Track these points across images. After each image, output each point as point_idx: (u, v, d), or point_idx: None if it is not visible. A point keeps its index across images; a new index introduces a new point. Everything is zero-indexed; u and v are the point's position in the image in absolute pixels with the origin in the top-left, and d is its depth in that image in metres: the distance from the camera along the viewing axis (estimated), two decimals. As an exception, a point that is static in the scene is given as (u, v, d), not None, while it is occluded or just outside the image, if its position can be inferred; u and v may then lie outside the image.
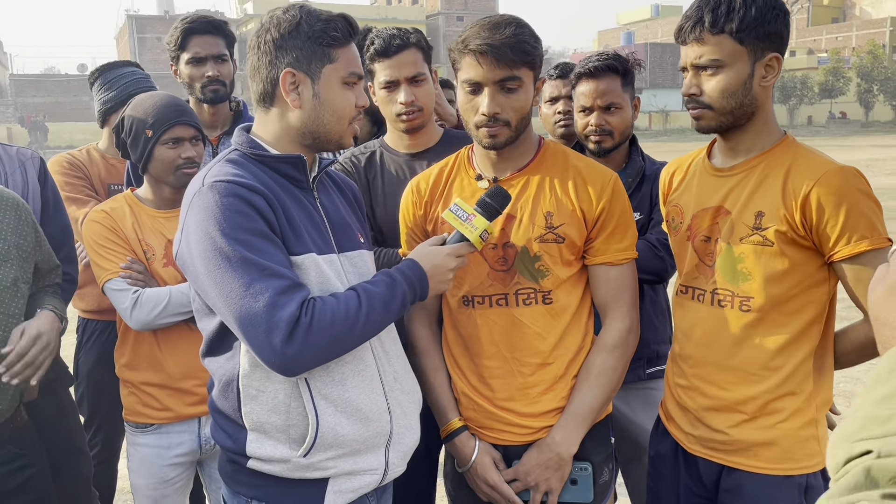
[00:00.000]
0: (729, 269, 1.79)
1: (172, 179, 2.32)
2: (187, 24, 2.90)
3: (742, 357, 1.78)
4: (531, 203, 1.88)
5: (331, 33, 1.63)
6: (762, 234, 1.73)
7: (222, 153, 1.71)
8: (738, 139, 1.80)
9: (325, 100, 1.65)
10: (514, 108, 1.80)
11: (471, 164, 1.99)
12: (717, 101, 1.73)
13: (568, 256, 1.88)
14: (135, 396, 2.37)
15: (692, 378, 1.87)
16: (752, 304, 1.76)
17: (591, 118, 2.46)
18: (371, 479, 1.70)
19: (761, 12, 1.67)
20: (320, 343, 1.51)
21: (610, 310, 1.92)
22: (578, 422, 1.88)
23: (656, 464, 2.02)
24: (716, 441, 1.83)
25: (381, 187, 2.40)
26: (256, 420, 1.62)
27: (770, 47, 1.70)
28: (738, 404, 1.80)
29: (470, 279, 1.93)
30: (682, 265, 1.93)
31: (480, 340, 1.93)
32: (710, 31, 1.69)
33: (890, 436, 0.61)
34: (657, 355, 2.61)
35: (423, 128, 2.39)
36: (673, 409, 1.96)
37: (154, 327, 2.24)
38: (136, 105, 2.35)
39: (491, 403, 1.94)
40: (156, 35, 56.92)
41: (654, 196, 2.47)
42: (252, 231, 1.52)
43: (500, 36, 1.74)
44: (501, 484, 1.92)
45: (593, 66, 2.44)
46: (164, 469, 2.36)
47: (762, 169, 1.76)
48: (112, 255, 2.27)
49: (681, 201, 1.94)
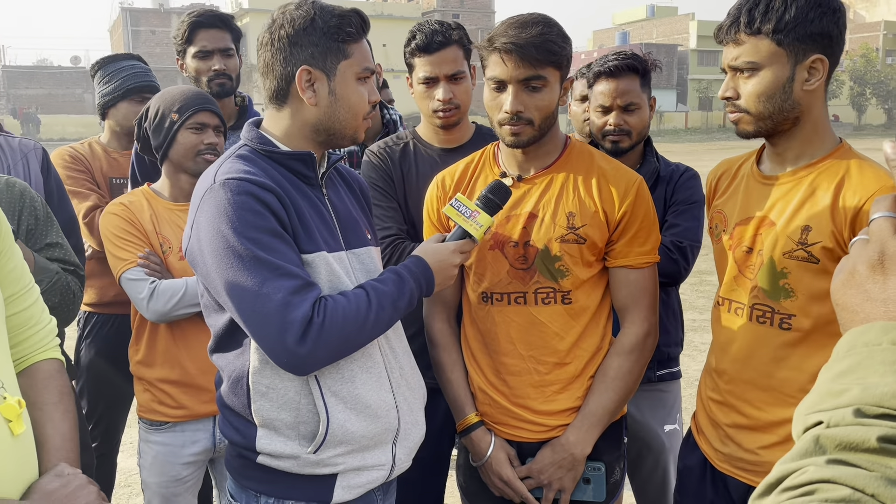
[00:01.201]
0: (770, 284, 1.69)
1: (192, 165, 2.32)
2: (194, 18, 2.90)
3: (780, 377, 1.69)
4: (554, 203, 1.88)
5: (346, 29, 1.62)
6: (808, 249, 1.63)
7: (231, 148, 1.70)
8: (784, 145, 1.70)
9: (341, 96, 1.64)
10: (537, 108, 1.80)
11: (496, 161, 1.99)
12: (754, 105, 1.65)
13: (589, 257, 1.87)
14: (149, 394, 2.35)
15: (726, 394, 1.81)
16: (792, 323, 1.66)
17: (610, 118, 2.44)
18: (379, 475, 1.71)
19: (802, 12, 1.56)
20: (332, 342, 1.52)
21: (629, 313, 1.92)
22: (593, 423, 1.89)
23: (683, 477, 1.98)
24: (745, 461, 1.76)
25: (415, 180, 2.40)
26: (266, 417, 1.62)
27: (813, 48, 1.59)
28: (771, 426, 1.71)
29: (490, 276, 1.93)
30: (722, 275, 1.84)
31: (498, 337, 1.94)
32: (746, 31, 1.61)
33: (840, 408, 0.65)
34: (668, 357, 2.61)
35: (459, 124, 2.41)
36: (704, 423, 1.90)
37: (170, 318, 2.24)
38: (162, 94, 2.39)
39: (507, 400, 1.95)
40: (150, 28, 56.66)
41: (668, 198, 2.48)
42: (264, 229, 1.51)
43: (526, 35, 1.73)
44: (515, 480, 1.93)
45: (613, 65, 2.43)
46: (177, 468, 2.35)
47: (812, 180, 1.65)
48: (130, 245, 2.28)
49: (725, 208, 1.85)
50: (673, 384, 2.67)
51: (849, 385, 0.67)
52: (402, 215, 2.39)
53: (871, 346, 0.69)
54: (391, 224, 2.35)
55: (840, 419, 0.65)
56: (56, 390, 1.55)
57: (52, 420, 1.49)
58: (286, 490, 1.66)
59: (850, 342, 0.72)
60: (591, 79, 2.51)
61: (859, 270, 0.75)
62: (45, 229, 2.14)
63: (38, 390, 1.54)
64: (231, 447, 1.73)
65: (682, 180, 2.51)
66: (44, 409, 1.52)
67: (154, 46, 55.39)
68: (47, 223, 2.16)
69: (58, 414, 1.53)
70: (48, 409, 1.52)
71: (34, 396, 1.52)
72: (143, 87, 3.14)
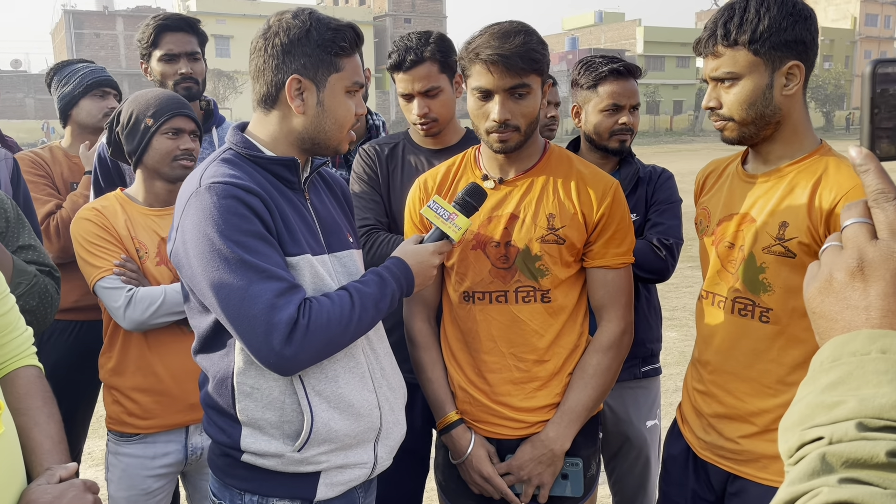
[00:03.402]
0: (751, 278, 1.75)
1: (168, 171, 2.28)
2: (160, 21, 2.88)
3: (759, 369, 1.75)
4: (534, 204, 1.92)
5: (340, 43, 1.64)
6: (785, 244, 1.68)
7: (216, 151, 1.71)
8: (767, 148, 1.77)
9: (329, 108, 1.66)
10: (523, 114, 1.84)
11: (477, 164, 2.03)
12: (737, 113, 1.70)
13: (567, 258, 1.92)
14: (119, 406, 2.28)
15: (709, 384, 1.86)
16: (770, 316, 1.72)
17: (623, 117, 2.49)
18: (361, 473, 1.74)
19: (776, 21, 1.62)
20: (317, 344, 1.54)
21: (606, 311, 1.97)
22: (573, 419, 1.94)
23: (668, 466, 2.04)
24: (726, 449, 1.82)
25: (399, 178, 2.48)
26: (251, 416, 1.64)
27: (789, 55, 1.65)
28: (750, 415, 1.77)
29: (472, 275, 1.97)
30: (706, 270, 1.91)
31: (479, 335, 1.97)
32: (724, 43, 1.67)
33: (838, 422, 0.64)
34: (651, 354, 2.69)
35: (441, 133, 2.48)
36: (688, 412, 1.96)
37: (148, 327, 2.18)
38: (135, 98, 2.32)
39: (487, 397, 1.99)
40: (94, 31, 55.24)
41: (648, 197, 2.55)
42: (249, 233, 1.53)
43: (510, 45, 1.77)
44: (495, 476, 1.96)
45: (623, 66, 2.49)
46: (147, 480, 2.28)
47: (791, 178, 1.71)
48: (104, 252, 2.21)
49: (709, 205, 1.92)
50: (654, 380, 2.75)
51: (843, 397, 0.66)
52: (383, 208, 2.46)
53: (860, 355, 0.67)
54: (370, 215, 2.42)
55: (843, 434, 0.63)
56: (39, 395, 1.54)
57: (38, 424, 1.48)
58: (270, 488, 1.67)
59: (835, 352, 0.70)
60: (592, 80, 2.53)
61: (837, 278, 0.74)
62: (16, 231, 2.10)
63: (20, 396, 1.52)
64: (215, 446, 1.74)
65: (661, 181, 2.59)
66: (28, 413, 1.50)
67: (98, 49, 54.03)
68: (19, 225, 2.12)
69: (43, 417, 1.52)
70: (33, 413, 1.50)
71: (17, 402, 1.50)
72: (102, 81, 3.16)
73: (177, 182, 2.29)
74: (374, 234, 2.39)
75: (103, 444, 4.33)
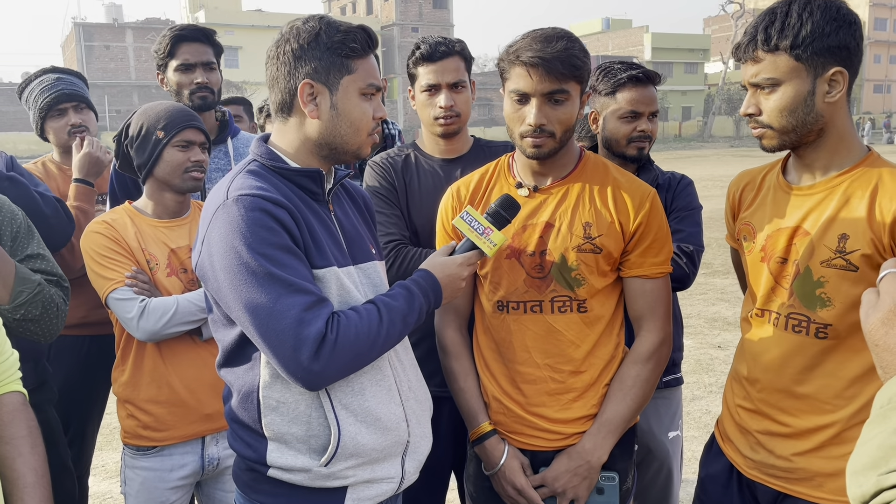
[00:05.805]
0: (806, 293, 1.68)
1: (178, 182, 2.29)
2: (177, 32, 2.88)
3: (815, 384, 1.69)
4: (570, 213, 1.90)
5: (350, 44, 1.62)
6: (846, 257, 1.62)
7: (240, 163, 1.70)
8: (812, 157, 1.71)
9: (343, 111, 1.64)
10: (560, 121, 1.82)
11: (511, 171, 2.00)
12: (777, 120, 1.66)
13: (604, 267, 1.89)
14: (134, 419, 2.27)
15: (758, 402, 1.80)
16: (829, 332, 1.66)
17: (642, 124, 2.47)
18: (388, 488, 1.71)
19: (819, 26, 1.58)
20: (345, 359, 1.52)
21: (644, 322, 1.94)
22: (610, 431, 1.90)
23: (706, 485, 1.96)
24: (777, 468, 1.76)
25: (417, 189, 2.46)
26: (277, 430, 1.61)
27: (832, 61, 1.60)
28: (807, 433, 1.71)
29: (506, 284, 1.94)
30: (758, 287, 1.82)
31: (514, 346, 1.94)
32: (764, 48, 1.63)
33: None
34: (673, 363, 2.64)
35: (459, 133, 2.46)
36: (732, 430, 1.89)
37: (161, 337, 2.18)
38: (144, 111, 2.32)
39: (522, 408, 1.95)
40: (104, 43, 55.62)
41: (668, 204, 2.51)
42: (277, 246, 1.51)
43: (551, 49, 1.76)
44: (528, 488, 1.93)
45: (642, 73, 2.47)
46: (165, 493, 2.27)
47: (845, 188, 1.65)
48: (115, 265, 2.21)
49: (753, 219, 1.85)
50: (675, 390, 2.71)
51: None
52: (404, 222, 2.43)
53: None
54: (394, 230, 2.39)
55: None
56: (24, 424, 1.49)
57: (21, 455, 1.43)
58: (297, 503, 1.65)
59: None
60: (610, 88, 2.51)
61: None
62: (25, 241, 2.10)
63: (4, 424, 1.47)
64: (240, 461, 1.72)
65: (680, 188, 2.55)
66: (12, 443, 1.46)
67: (108, 62, 54.41)
68: (28, 235, 2.12)
69: (27, 448, 1.47)
70: (17, 443, 1.46)
71: (1, 430, 1.45)
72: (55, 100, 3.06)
73: (187, 193, 2.33)
74: (403, 248, 2.35)
75: (117, 457, 4.33)
